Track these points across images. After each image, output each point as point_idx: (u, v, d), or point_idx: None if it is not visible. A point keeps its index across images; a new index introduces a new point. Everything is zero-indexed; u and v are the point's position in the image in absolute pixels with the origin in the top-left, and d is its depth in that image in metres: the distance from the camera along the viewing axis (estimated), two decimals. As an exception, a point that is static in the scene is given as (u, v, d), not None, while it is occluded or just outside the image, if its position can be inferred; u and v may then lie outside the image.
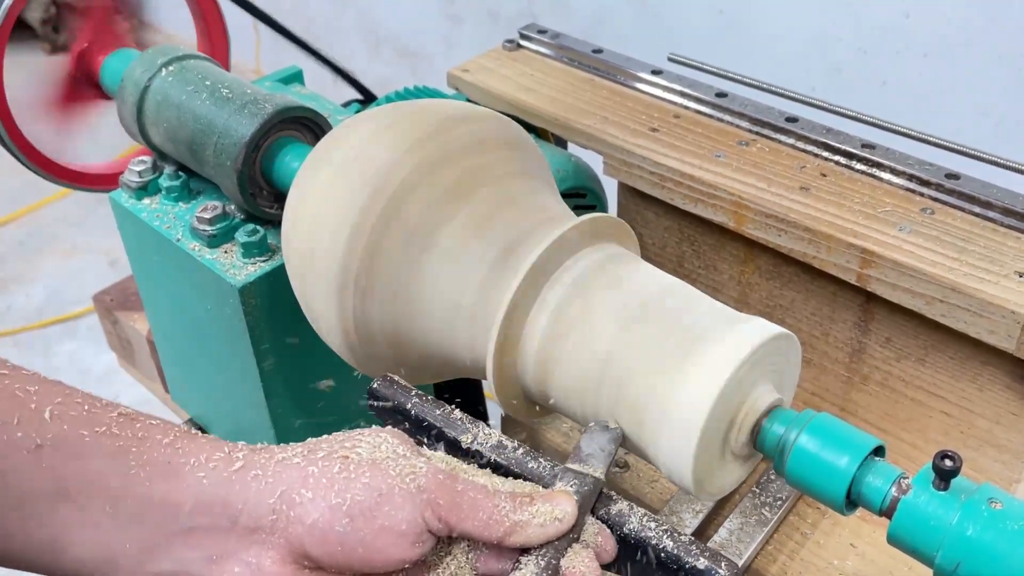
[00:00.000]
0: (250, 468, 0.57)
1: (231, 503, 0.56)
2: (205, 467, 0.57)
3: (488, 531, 0.58)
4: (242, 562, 0.57)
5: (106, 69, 1.10)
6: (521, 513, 0.59)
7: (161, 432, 0.57)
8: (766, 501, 0.89)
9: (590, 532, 0.63)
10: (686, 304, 0.72)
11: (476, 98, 1.13)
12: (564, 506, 0.61)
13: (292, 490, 0.57)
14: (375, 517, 0.56)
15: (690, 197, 0.97)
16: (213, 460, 0.57)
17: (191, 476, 0.56)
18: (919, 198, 0.91)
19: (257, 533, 0.57)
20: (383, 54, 3.12)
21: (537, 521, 0.59)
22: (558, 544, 0.61)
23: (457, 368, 0.81)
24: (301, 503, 0.56)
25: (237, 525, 0.56)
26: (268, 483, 0.57)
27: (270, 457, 0.59)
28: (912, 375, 0.92)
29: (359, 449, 0.59)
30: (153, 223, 0.98)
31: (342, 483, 0.57)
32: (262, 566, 0.56)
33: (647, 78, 1.10)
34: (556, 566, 0.60)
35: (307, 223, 0.79)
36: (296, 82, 1.22)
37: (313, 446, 0.60)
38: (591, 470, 0.65)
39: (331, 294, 0.77)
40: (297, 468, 0.58)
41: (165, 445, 0.57)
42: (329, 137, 0.84)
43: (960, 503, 0.58)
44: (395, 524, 0.56)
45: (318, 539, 0.56)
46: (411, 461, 0.59)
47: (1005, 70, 1.77)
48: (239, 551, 0.56)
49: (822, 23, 1.98)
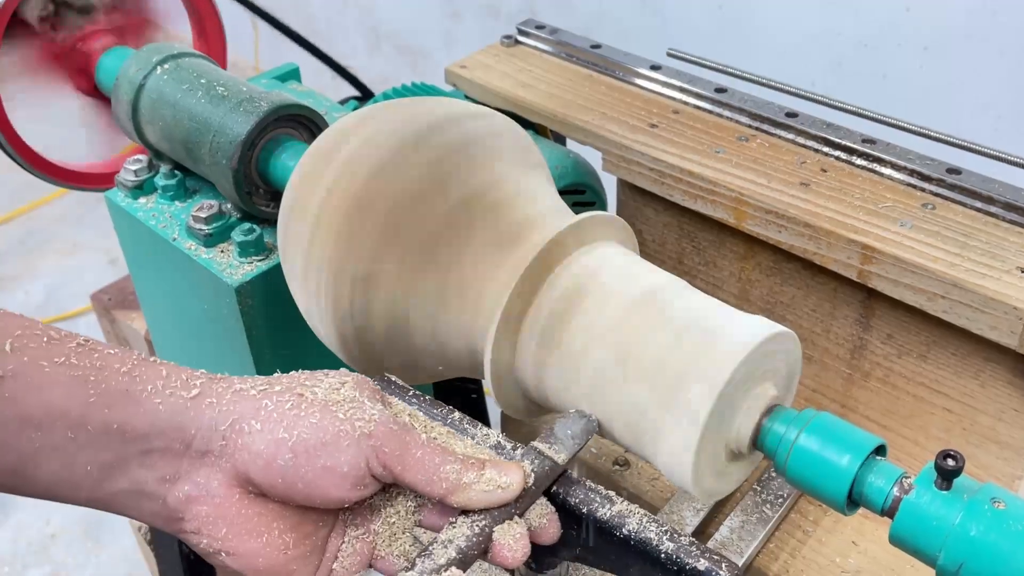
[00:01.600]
0: (206, 396, 0.60)
1: (185, 428, 0.59)
2: (162, 393, 0.59)
3: (431, 486, 0.60)
4: (192, 482, 0.59)
5: (102, 67, 1.10)
6: (467, 475, 0.60)
7: (119, 361, 0.59)
8: (767, 499, 0.88)
9: (536, 512, 0.64)
10: (685, 302, 0.71)
11: (474, 95, 1.12)
12: (511, 476, 0.62)
13: (243, 419, 0.59)
14: (317, 456, 0.58)
15: (690, 193, 0.96)
16: (170, 387, 0.59)
17: (148, 402, 0.58)
18: (920, 193, 0.90)
19: (207, 456, 0.59)
20: (383, 50, 3.11)
21: (480, 486, 0.60)
22: (497, 514, 0.61)
23: (454, 367, 0.81)
24: (250, 433, 0.59)
25: (190, 449, 0.59)
26: (222, 411, 0.59)
27: (227, 387, 0.61)
28: (914, 371, 0.91)
29: (316, 389, 0.61)
30: (149, 222, 0.98)
31: (291, 419, 0.59)
32: (210, 486, 0.59)
33: (646, 73, 1.09)
34: (488, 534, 0.61)
35: (304, 220, 0.78)
36: (293, 79, 1.21)
37: (273, 380, 0.63)
38: (554, 453, 0.66)
39: (327, 290, 0.76)
40: (251, 399, 0.60)
41: (123, 373, 0.58)
42: (326, 135, 0.83)
43: (963, 503, 0.58)
44: (336, 465, 0.58)
45: (261, 468, 0.58)
46: (366, 407, 0.61)
47: (1006, 64, 1.76)
48: (190, 472, 0.59)
49: (822, 17, 1.97)
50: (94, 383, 0.57)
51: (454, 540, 0.60)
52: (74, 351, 0.58)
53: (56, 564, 2.08)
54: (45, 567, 2.07)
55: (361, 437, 0.59)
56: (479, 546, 0.60)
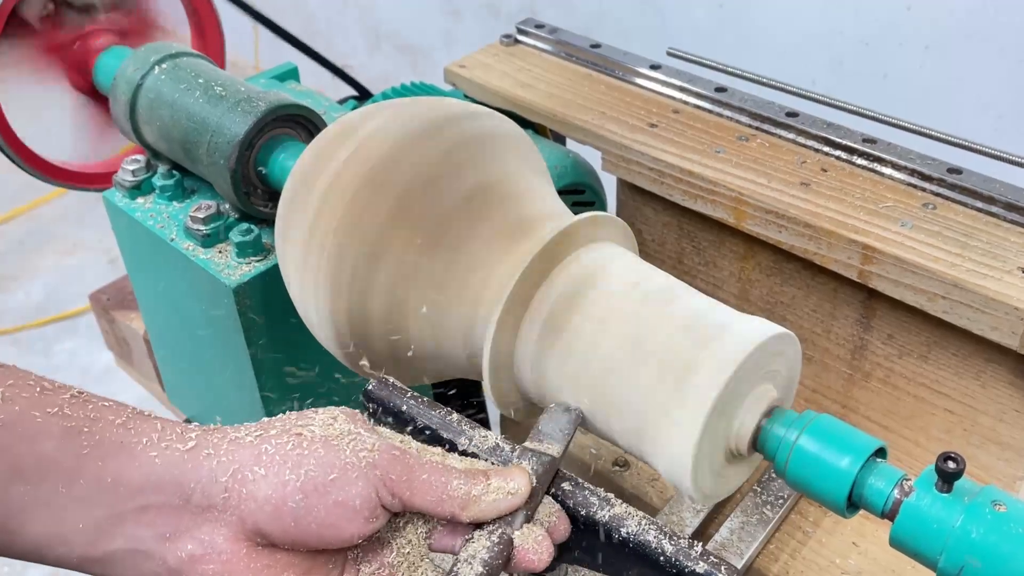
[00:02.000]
0: (202, 447, 0.58)
1: (183, 482, 0.57)
2: (157, 446, 0.57)
3: (441, 506, 0.59)
4: (195, 539, 0.57)
5: (100, 67, 1.09)
6: (474, 488, 0.60)
7: (113, 413, 0.57)
8: (767, 500, 0.88)
9: (544, 512, 0.63)
10: (685, 303, 0.71)
11: (473, 94, 1.12)
12: (517, 480, 0.61)
13: (245, 467, 0.57)
14: (328, 492, 0.57)
15: (690, 193, 0.96)
16: (166, 440, 0.57)
17: (143, 455, 0.56)
18: (921, 193, 0.90)
19: (210, 511, 0.57)
20: (383, 49, 3.11)
21: (490, 497, 0.60)
22: (510, 519, 0.61)
23: (452, 369, 0.80)
24: (254, 480, 0.57)
25: (190, 503, 0.57)
26: (221, 462, 0.57)
27: (223, 437, 0.59)
28: (914, 372, 0.91)
29: (312, 427, 0.60)
30: (147, 222, 0.98)
31: (295, 459, 0.57)
32: (215, 543, 0.57)
33: (646, 73, 1.09)
34: (509, 540, 0.60)
35: (311, 194, 0.78)
36: (291, 79, 1.21)
37: (267, 425, 0.61)
38: (548, 449, 0.66)
39: (329, 265, 0.76)
40: (250, 447, 0.58)
41: (118, 425, 0.57)
42: (326, 134, 0.83)
43: (963, 506, 0.58)
44: (349, 499, 0.57)
45: (271, 515, 0.56)
46: (364, 438, 0.60)
47: (1007, 63, 1.76)
48: (192, 529, 0.57)
49: (823, 16, 1.97)
50: (87, 435, 0.55)
51: (477, 555, 0.59)
52: (67, 402, 0.56)
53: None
54: (46, 568, 2.07)
55: (368, 468, 0.58)
56: (502, 555, 0.60)
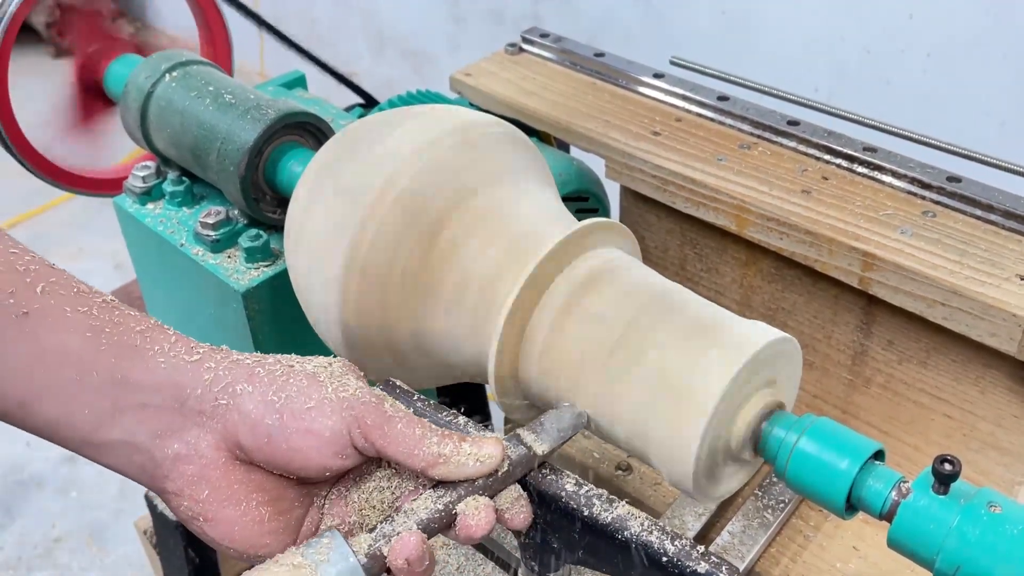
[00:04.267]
0: (206, 361, 0.62)
1: (181, 387, 0.61)
2: (166, 355, 0.62)
3: (412, 459, 0.61)
4: (183, 440, 0.61)
5: (110, 75, 1.11)
6: (444, 447, 0.62)
7: (135, 321, 0.62)
8: (768, 504, 0.89)
9: (508, 497, 0.64)
10: (687, 308, 0.72)
11: (479, 102, 1.13)
12: (489, 449, 0.63)
13: (236, 382, 0.62)
14: (302, 419, 0.60)
15: (692, 200, 0.97)
16: (175, 350, 0.62)
17: (152, 360, 0.61)
18: (920, 201, 0.91)
19: (200, 416, 0.61)
20: (388, 55, 3.12)
21: (459, 458, 0.62)
22: (463, 491, 0.62)
23: (458, 371, 0.82)
24: (241, 394, 0.61)
25: (184, 407, 0.61)
26: (218, 375, 0.62)
27: (225, 356, 0.64)
28: (914, 378, 0.92)
29: (306, 364, 0.64)
30: (157, 228, 0.99)
31: (280, 384, 0.62)
32: (199, 447, 0.61)
33: (649, 81, 1.10)
34: (452, 507, 0.61)
35: (313, 223, 0.79)
36: (299, 86, 1.22)
37: (268, 356, 0.65)
38: (535, 442, 0.66)
39: (333, 289, 0.77)
40: (246, 367, 0.63)
41: (136, 332, 0.62)
42: (333, 141, 0.84)
43: (960, 507, 0.59)
44: (320, 430, 0.60)
45: (249, 428, 0.60)
46: (350, 381, 0.63)
47: (1010, 70, 1.77)
48: (181, 431, 0.61)
49: (826, 23, 1.98)
50: (108, 335, 0.60)
51: (416, 511, 0.61)
52: (98, 304, 0.61)
53: (60, 568, 2.09)
54: (49, 570, 2.08)
55: (344, 406, 0.61)
56: (442, 520, 0.61)
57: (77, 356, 0.59)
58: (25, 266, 0.60)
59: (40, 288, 0.59)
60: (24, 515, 2.19)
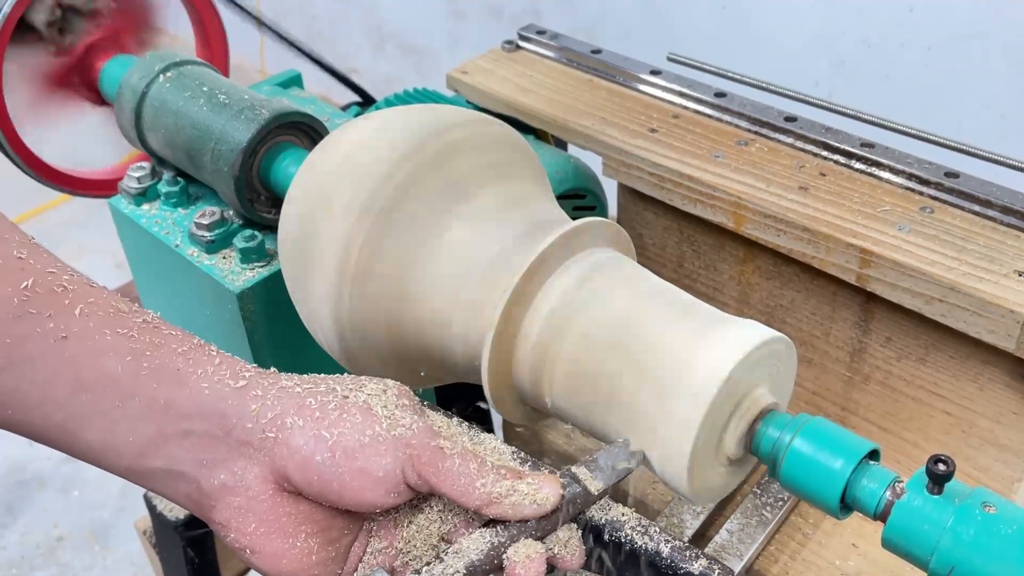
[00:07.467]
0: (252, 388, 0.60)
1: (227, 415, 0.59)
2: (210, 379, 0.60)
3: (466, 497, 0.59)
4: (229, 470, 0.60)
5: (105, 75, 1.10)
6: (499, 486, 0.59)
7: (177, 342, 0.61)
8: (767, 502, 0.89)
9: (559, 539, 0.62)
10: (681, 307, 0.72)
11: (475, 100, 1.13)
12: (547, 491, 0.60)
13: (286, 414, 0.60)
14: (355, 458, 0.59)
15: (689, 197, 0.96)
16: (219, 374, 0.60)
17: (195, 384, 0.59)
18: (918, 197, 0.91)
19: (246, 447, 0.59)
20: (387, 51, 3.12)
21: (514, 498, 0.59)
22: (515, 532, 0.60)
23: (452, 370, 0.81)
24: (291, 428, 0.59)
25: (230, 436, 0.59)
26: (266, 404, 0.60)
27: (273, 383, 0.62)
28: (913, 374, 0.91)
29: (359, 394, 0.62)
30: (152, 229, 0.99)
31: (333, 419, 0.60)
32: (245, 478, 0.60)
33: (646, 78, 1.10)
34: (503, 549, 0.59)
35: (304, 222, 0.79)
36: (295, 86, 1.22)
37: (319, 380, 0.63)
38: (590, 482, 0.64)
39: (327, 288, 0.77)
40: (296, 396, 0.61)
41: (178, 354, 0.60)
42: (328, 140, 0.84)
43: (954, 507, 0.58)
44: (373, 469, 0.59)
45: (299, 464, 0.59)
46: (405, 415, 0.61)
47: (1010, 63, 1.76)
48: (228, 460, 0.60)
49: (825, 17, 1.97)
50: (149, 358, 0.59)
51: (466, 552, 0.59)
52: (138, 326, 0.60)
53: (62, 567, 2.09)
54: (52, 569, 2.09)
55: (398, 444, 0.59)
56: (491, 561, 0.59)
57: (118, 382, 0.58)
58: (63, 286, 0.59)
59: (79, 310, 0.58)
60: (26, 514, 2.19)
